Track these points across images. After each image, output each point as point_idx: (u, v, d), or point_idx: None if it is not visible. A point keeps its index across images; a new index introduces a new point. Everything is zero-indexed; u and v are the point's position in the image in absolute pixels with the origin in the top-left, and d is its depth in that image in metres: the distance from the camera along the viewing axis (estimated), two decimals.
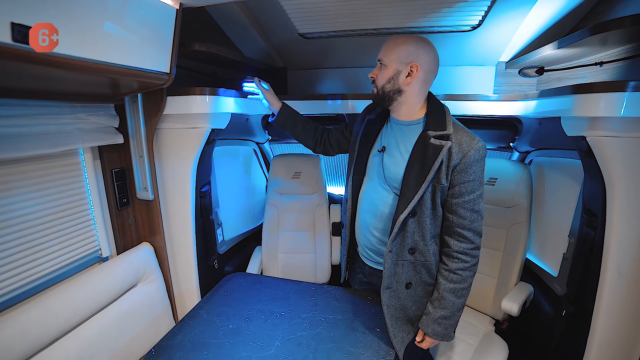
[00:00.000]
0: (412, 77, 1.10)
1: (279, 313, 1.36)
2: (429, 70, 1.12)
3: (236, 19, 1.66)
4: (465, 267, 1.12)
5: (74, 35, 0.87)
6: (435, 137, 1.08)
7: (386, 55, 1.12)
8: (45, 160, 1.24)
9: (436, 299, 1.16)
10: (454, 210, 1.10)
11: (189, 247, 1.65)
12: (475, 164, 1.07)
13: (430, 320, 1.16)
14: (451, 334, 1.17)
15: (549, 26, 1.55)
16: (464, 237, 1.10)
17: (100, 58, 0.96)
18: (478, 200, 1.09)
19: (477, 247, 1.12)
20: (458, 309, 1.15)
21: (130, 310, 1.44)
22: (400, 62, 1.10)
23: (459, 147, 1.06)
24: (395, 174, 1.15)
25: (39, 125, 1.16)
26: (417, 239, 1.13)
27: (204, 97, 1.40)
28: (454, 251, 1.12)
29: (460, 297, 1.14)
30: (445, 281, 1.14)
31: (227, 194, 2.09)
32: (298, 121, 1.51)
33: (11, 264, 1.14)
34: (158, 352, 1.17)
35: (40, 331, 1.12)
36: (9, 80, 0.99)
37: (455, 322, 1.17)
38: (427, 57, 1.10)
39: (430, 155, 1.06)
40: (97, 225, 1.46)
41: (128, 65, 1.06)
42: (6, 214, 1.12)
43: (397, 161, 1.16)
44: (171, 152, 1.54)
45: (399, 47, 1.10)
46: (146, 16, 1.08)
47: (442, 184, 1.08)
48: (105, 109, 1.41)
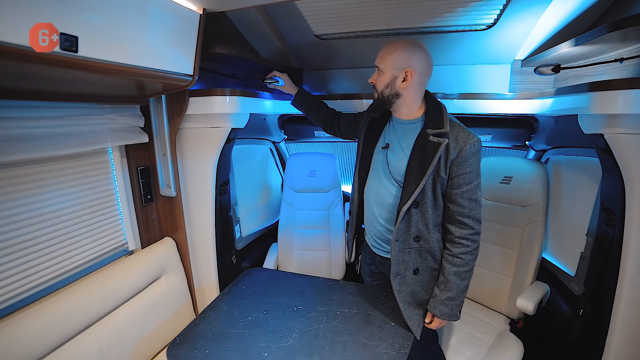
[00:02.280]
0: (408, 81, 1.18)
1: (295, 306, 1.40)
2: (422, 73, 1.20)
3: (254, 21, 1.71)
4: (467, 251, 1.20)
5: (108, 42, 0.94)
6: (434, 134, 1.17)
7: (382, 62, 1.21)
8: (78, 159, 1.33)
9: (442, 282, 1.24)
10: (454, 200, 1.19)
11: (209, 243, 1.71)
12: (471, 157, 1.15)
13: (437, 302, 1.25)
14: (457, 313, 1.26)
15: (565, 24, 1.53)
16: (464, 224, 1.19)
17: (132, 62, 1.03)
18: (475, 190, 1.18)
19: (477, 232, 1.21)
20: (462, 290, 1.24)
21: (154, 301, 1.52)
22: (396, 68, 1.18)
23: (456, 142, 1.15)
24: (399, 169, 1.24)
25: (74, 125, 1.24)
26: (421, 228, 1.22)
27: (225, 98, 1.46)
28: (456, 237, 1.21)
29: (464, 279, 1.23)
30: (449, 265, 1.22)
31: (245, 191, 2.15)
32: (312, 103, 1.69)
33: (48, 255, 1.22)
34: (182, 340, 1.23)
35: (76, 318, 1.21)
36: (49, 84, 1.07)
37: (460, 302, 1.26)
38: (419, 61, 1.18)
39: (429, 152, 1.16)
40: (123, 220, 1.54)
41: (156, 69, 1.13)
42: (44, 208, 1.21)
43: (399, 157, 1.25)
44: (193, 150, 1.61)
45: (392, 54, 1.18)
46: (172, 22, 1.15)
47: (441, 176, 1.17)
48: (131, 110, 1.49)
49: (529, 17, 1.50)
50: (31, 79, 1.00)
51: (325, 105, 1.69)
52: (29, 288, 1.16)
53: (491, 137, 2.03)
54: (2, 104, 1.03)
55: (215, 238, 1.72)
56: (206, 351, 1.16)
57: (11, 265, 1.11)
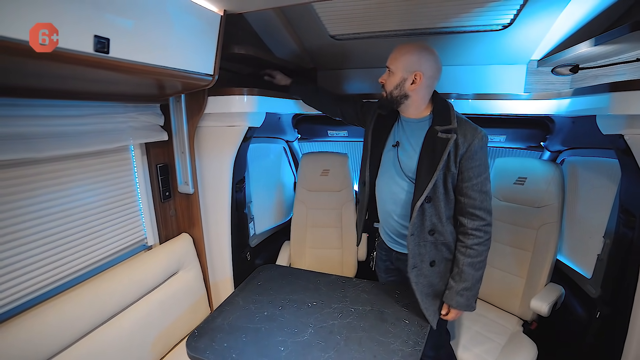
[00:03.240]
0: (417, 84, 1.22)
1: (310, 303, 1.42)
2: (431, 76, 1.23)
3: (270, 22, 1.73)
4: (480, 242, 1.24)
5: (136, 44, 0.97)
6: (442, 131, 1.20)
7: (393, 63, 1.24)
8: (102, 156, 1.37)
9: (457, 274, 1.27)
10: (465, 192, 1.22)
11: (225, 239, 1.75)
12: (480, 150, 1.19)
13: (453, 293, 1.28)
14: (473, 304, 1.29)
15: (582, 25, 1.52)
16: (476, 215, 1.22)
17: (157, 62, 1.06)
18: (485, 182, 1.21)
19: (489, 223, 1.24)
20: (477, 280, 1.27)
21: (172, 295, 1.56)
22: (406, 70, 1.21)
23: (464, 137, 1.18)
24: (410, 166, 1.28)
25: (99, 123, 1.28)
26: (435, 221, 1.26)
27: (243, 97, 1.49)
28: (468, 229, 1.24)
29: (478, 269, 1.26)
30: (463, 256, 1.26)
31: (258, 189, 2.18)
32: (308, 93, 1.73)
33: (75, 248, 1.27)
34: (200, 333, 1.26)
35: (100, 309, 1.25)
36: (77, 84, 1.11)
37: (475, 293, 1.28)
38: (429, 65, 1.21)
39: (439, 147, 1.19)
40: (143, 216, 1.59)
41: (179, 69, 1.16)
42: (71, 203, 1.26)
43: (409, 154, 1.29)
44: (210, 148, 1.65)
45: (404, 56, 1.22)
46: (195, 23, 1.18)
47: (451, 171, 1.20)
48: (152, 109, 1.53)
49: (546, 18, 1.49)
50: (60, 79, 1.05)
51: (321, 93, 1.73)
52: (57, 279, 1.22)
53: (505, 137, 2.02)
54: (34, 103, 1.08)
55: (230, 235, 1.75)
56: (224, 344, 1.19)
57: (42, 257, 1.16)
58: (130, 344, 1.32)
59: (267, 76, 1.77)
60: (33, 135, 1.05)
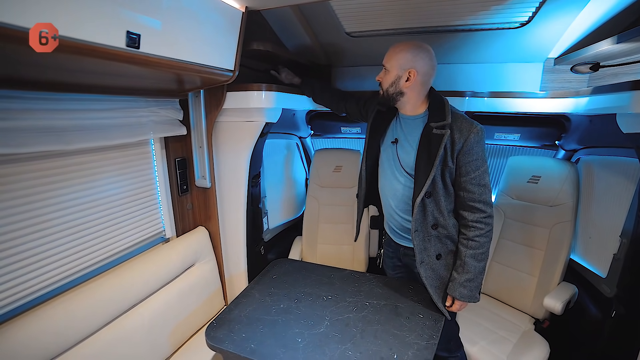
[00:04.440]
0: (411, 81, 1.24)
1: (325, 296, 1.44)
2: (425, 73, 1.25)
3: (287, 18, 1.75)
4: (481, 233, 1.26)
5: (162, 39, 1.00)
6: (437, 127, 1.22)
7: (388, 61, 1.27)
8: (124, 149, 1.41)
9: (459, 266, 1.30)
10: (464, 187, 1.24)
11: (241, 233, 1.78)
12: (476, 145, 1.20)
13: (456, 284, 1.29)
14: (476, 295, 1.30)
15: (602, 23, 1.51)
16: (476, 208, 1.25)
17: (183, 57, 1.09)
18: (483, 175, 1.23)
19: (490, 215, 1.26)
20: (480, 271, 1.28)
21: (189, 287, 1.59)
22: (400, 68, 1.24)
23: (460, 132, 1.20)
24: (409, 162, 1.31)
25: (123, 117, 1.32)
26: (437, 216, 1.29)
27: (261, 93, 1.51)
28: (469, 221, 1.26)
29: (480, 260, 1.27)
30: (465, 248, 1.28)
31: (272, 185, 2.21)
32: (316, 90, 1.77)
33: (99, 238, 1.31)
34: (219, 323, 1.29)
35: (123, 298, 1.29)
36: (106, 78, 1.14)
37: (478, 284, 1.30)
38: (423, 62, 1.23)
39: (434, 144, 1.22)
40: (162, 208, 1.62)
41: (203, 64, 1.19)
42: (96, 194, 1.30)
43: (407, 151, 1.32)
44: (228, 143, 1.67)
45: (398, 54, 1.24)
46: (218, 20, 1.20)
47: (449, 166, 1.22)
48: (172, 104, 1.56)
49: (565, 16, 1.48)
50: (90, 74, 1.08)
51: (328, 90, 1.77)
52: (82, 268, 1.26)
53: (520, 135, 2.01)
54: (64, 97, 1.11)
55: (246, 229, 1.78)
56: (242, 334, 1.22)
57: (69, 246, 1.21)
58: (150, 331, 1.36)
59: (273, 71, 1.81)
60: (63, 128, 1.09)
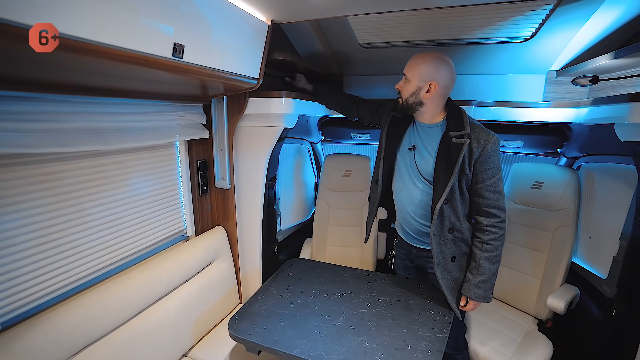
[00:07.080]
0: (431, 93, 1.29)
1: (339, 293, 1.51)
2: (445, 86, 1.30)
3: (303, 29, 1.85)
4: (495, 237, 1.32)
5: (201, 49, 1.09)
6: (456, 136, 1.27)
7: (409, 71, 1.31)
8: (153, 150, 1.49)
9: (474, 267, 1.36)
10: (480, 193, 1.31)
11: (257, 233, 1.85)
12: (493, 153, 1.27)
13: (471, 285, 1.36)
14: (489, 295, 1.37)
15: (602, 38, 1.61)
16: (491, 213, 1.31)
17: (215, 65, 1.18)
18: (498, 182, 1.29)
19: (503, 220, 1.33)
20: (493, 273, 1.35)
21: (208, 283, 1.67)
22: (421, 79, 1.28)
23: (478, 142, 1.26)
24: (427, 169, 1.36)
25: (154, 120, 1.40)
26: (453, 220, 1.34)
27: (281, 100, 1.60)
28: (484, 226, 1.33)
29: (494, 263, 1.34)
30: (480, 251, 1.34)
31: (284, 188, 2.29)
32: (329, 96, 1.85)
33: (130, 234, 1.40)
34: (240, 316, 1.36)
35: (150, 291, 1.37)
36: (143, 84, 1.23)
37: (492, 285, 1.37)
38: (444, 75, 1.28)
39: (453, 152, 1.27)
40: (184, 208, 1.70)
41: (232, 72, 1.28)
42: (127, 192, 1.38)
43: (425, 158, 1.36)
44: (248, 147, 1.76)
45: (420, 65, 1.28)
46: (247, 31, 1.30)
47: (466, 174, 1.28)
48: (196, 108, 1.65)
49: (567, 31, 1.58)
50: (129, 80, 1.16)
51: (340, 96, 1.84)
52: (112, 262, 1.33)
53: (523, 143, 2.10)
54: (104, 101, 1.20)
55: (262, 229, 1.86)
56: (264, 327, 1.29)
57: (102, 240, 1.29)
58: (175, 324, 1.43)
59: (288, 78, 1.89)
60: (105, 130, 1.18)
